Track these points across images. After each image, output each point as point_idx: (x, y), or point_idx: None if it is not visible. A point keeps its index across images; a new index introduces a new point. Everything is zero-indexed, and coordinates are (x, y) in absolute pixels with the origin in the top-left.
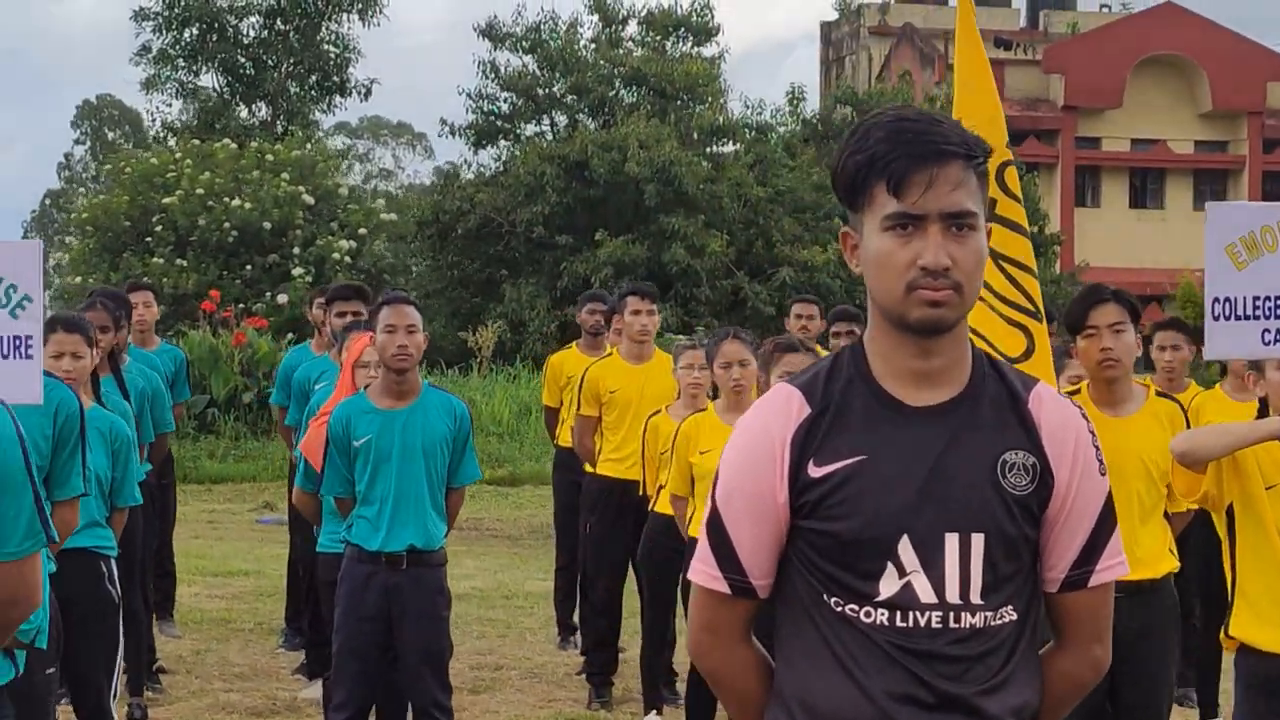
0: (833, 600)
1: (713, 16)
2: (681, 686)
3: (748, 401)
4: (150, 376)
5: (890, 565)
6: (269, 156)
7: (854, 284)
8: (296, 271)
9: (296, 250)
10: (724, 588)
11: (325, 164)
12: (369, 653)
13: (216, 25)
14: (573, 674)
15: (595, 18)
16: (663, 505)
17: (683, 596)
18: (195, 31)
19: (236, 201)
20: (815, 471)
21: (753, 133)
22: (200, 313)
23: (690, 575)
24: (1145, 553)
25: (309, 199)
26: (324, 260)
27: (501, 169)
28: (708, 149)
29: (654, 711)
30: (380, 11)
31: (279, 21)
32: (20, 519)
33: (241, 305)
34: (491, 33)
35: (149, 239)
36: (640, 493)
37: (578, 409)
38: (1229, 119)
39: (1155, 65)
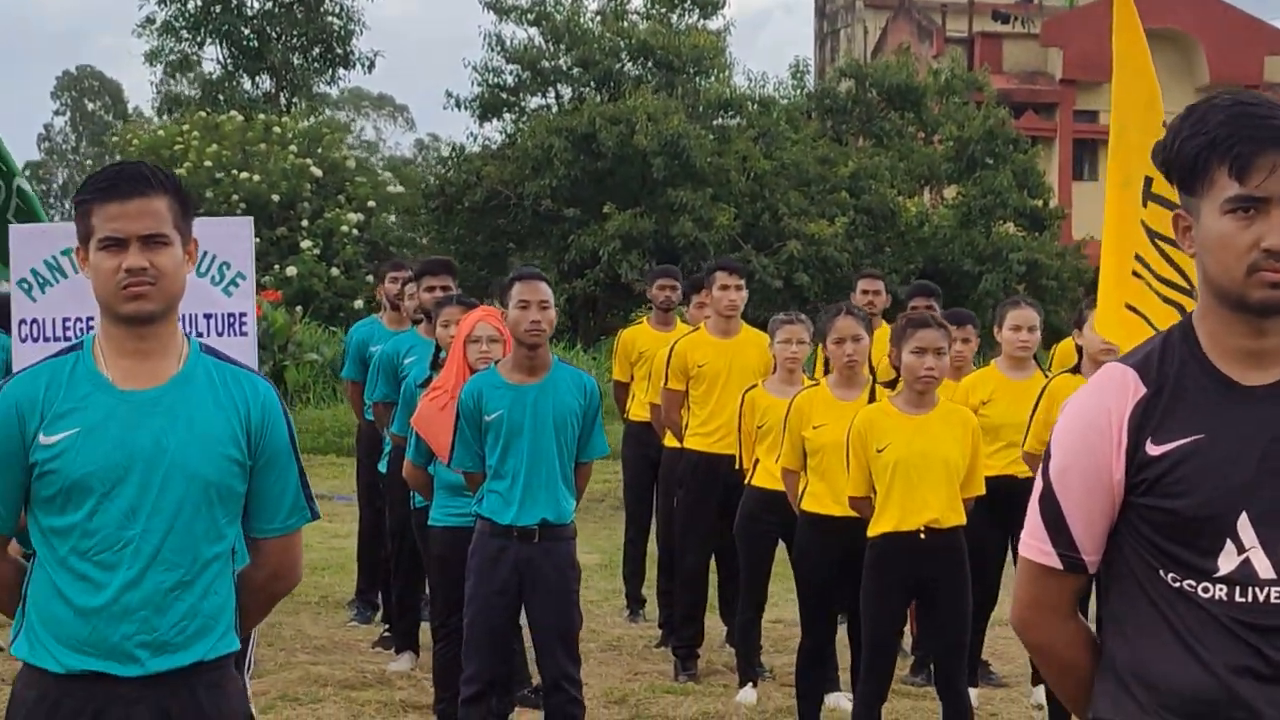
0: (1169, 576)
1: None
2: (767, 659)
3: (861, 376)
4: None
5: (1229, 542)
6: (276, 129)
7: (861, 257)
8: (305, 244)
9: (305, 223)
10: (1056, 563)
11: (332, 136)
12: (500, 626)
13: None
14: (650, 647)
15: None
16: (760, 479)
17: (795, 571)
18: (199, 3)
19: (244, 174)
20: (1154, 450)
21: (755, 105)
22: None
23: (1021, 551)
24: None
25: (317, 171)
26: (332, 233)
27: (508, 142)
28: (713, 122)
29: (749, 684)
30: None
31: None
32: (286, 495)
33: None
34: (497, 5)
35: None
36: (735, 466)
37: (665, 383)
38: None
39: (1153, 39)
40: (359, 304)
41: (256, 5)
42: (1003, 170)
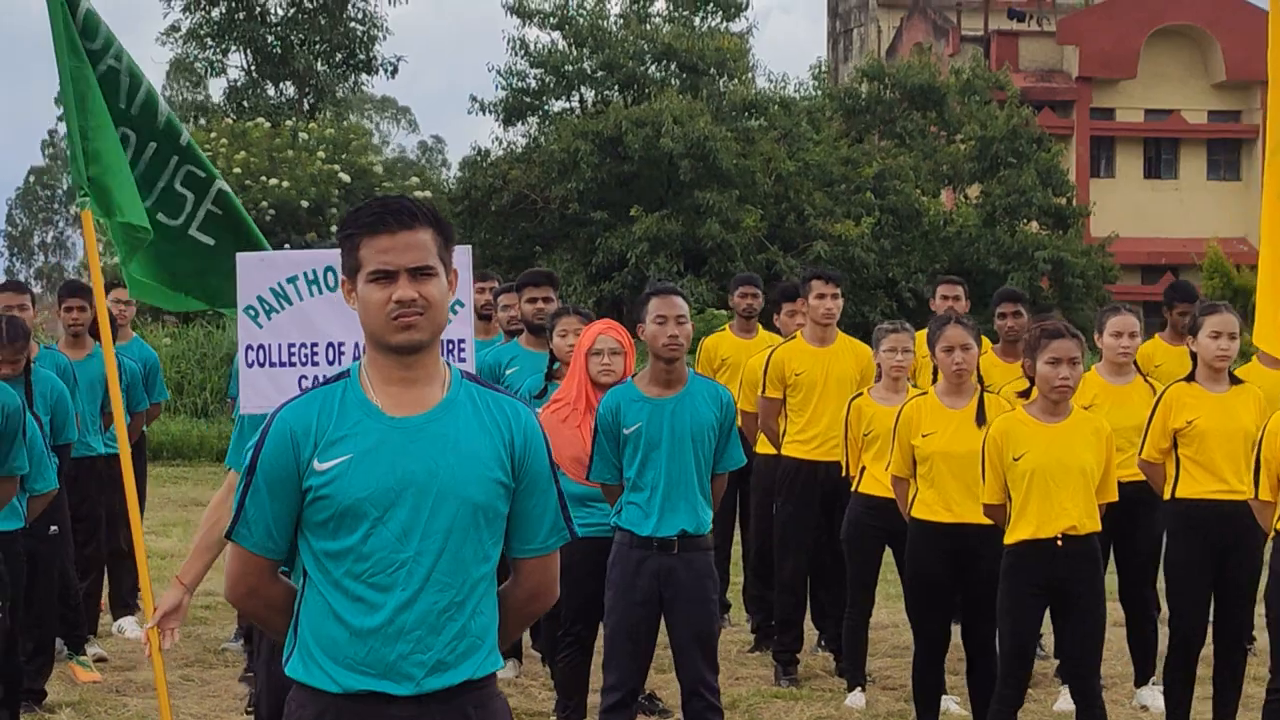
0: None
1: None
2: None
3: (969, 385)
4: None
5: None
6: (303, 135)
7: (887, 257)
8: None
9: (334, 228)
10: None
11: (359, 141)
12: (642, 636)
13: (244, 4)
14: (744, 651)
15: None
16: (866, 486)
17: (906, 578)
18: (223, 10)
19: (274, 180)
20: None
21: (776, 106)
22: None
23: None
24: None
25: (345, 177)
26: None
27: (532, 145)
28: (737, 124)
29: (858, 689)
30: None
31: (305, 0)
32: (546, 516)
33: None
34: (520, 9)
35: None
36: (833, 473)
37: (762, 391)
38: (1242, 89)
39: (1169, 35)
40: None
41: (280, 12)
42: (1026, 169)
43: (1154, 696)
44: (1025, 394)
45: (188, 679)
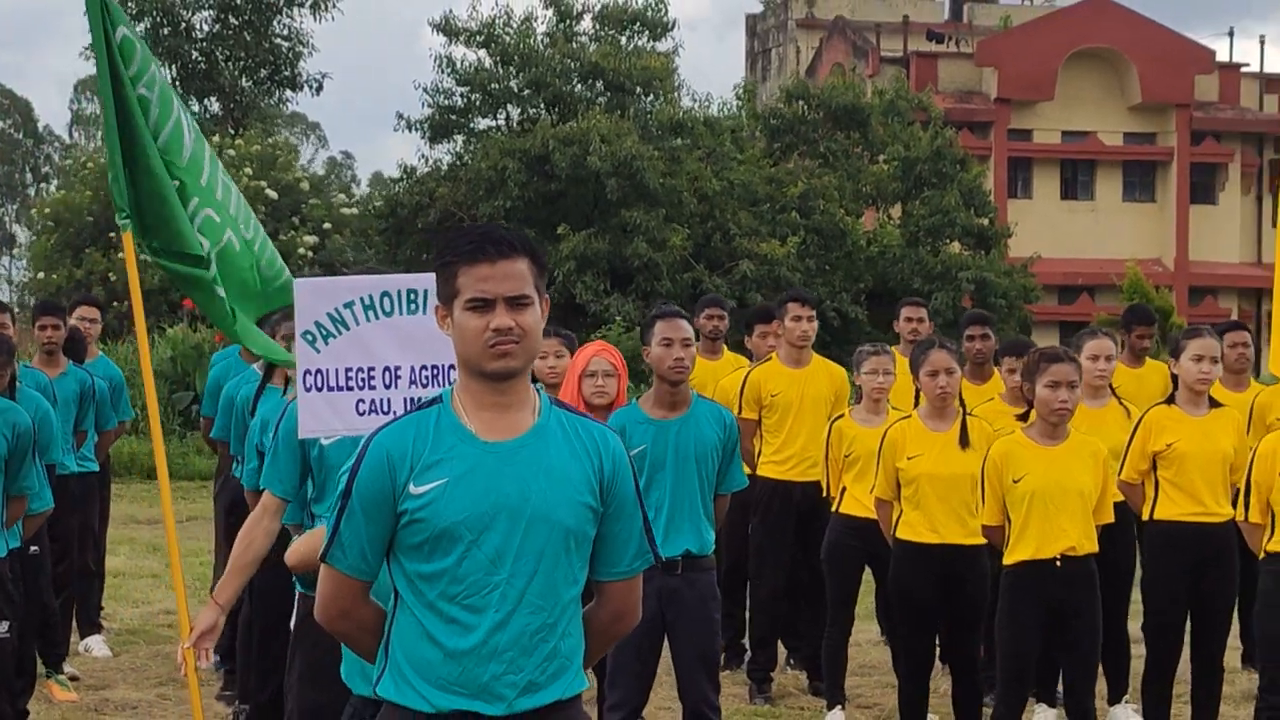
0: None
1: (666, 10)
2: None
3: (952, 408)
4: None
5: None
6: (230, 151)
7: (812, 277)
8: None
9: None
10: None
11: (285, 158)
12: (646, 655)
13: (169, 19)
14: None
15: (550, 12)
16: (847, 506)
17: (891, 599)
18: (148, 25)
19: None
20: None
21: (702, 126)
22: (181, 309)
23: None
24: None
25: (272, 194)
26: (288, 255)
27: (457, 163)
28: (663, 143)
29: (838, 707)
30: (335, 5)
31: (231, 16)
32: (631, 541)
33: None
34: (446, 27)
35: (112, 235)
36: (823, 494)
37: (739, 413)
38: (1158, 111)
39: (1086, 58)
40: None
41: (205, 28)
42: (949, 190)
43: (1127, 715)
44: (1024, 417)
45: (165, 697)
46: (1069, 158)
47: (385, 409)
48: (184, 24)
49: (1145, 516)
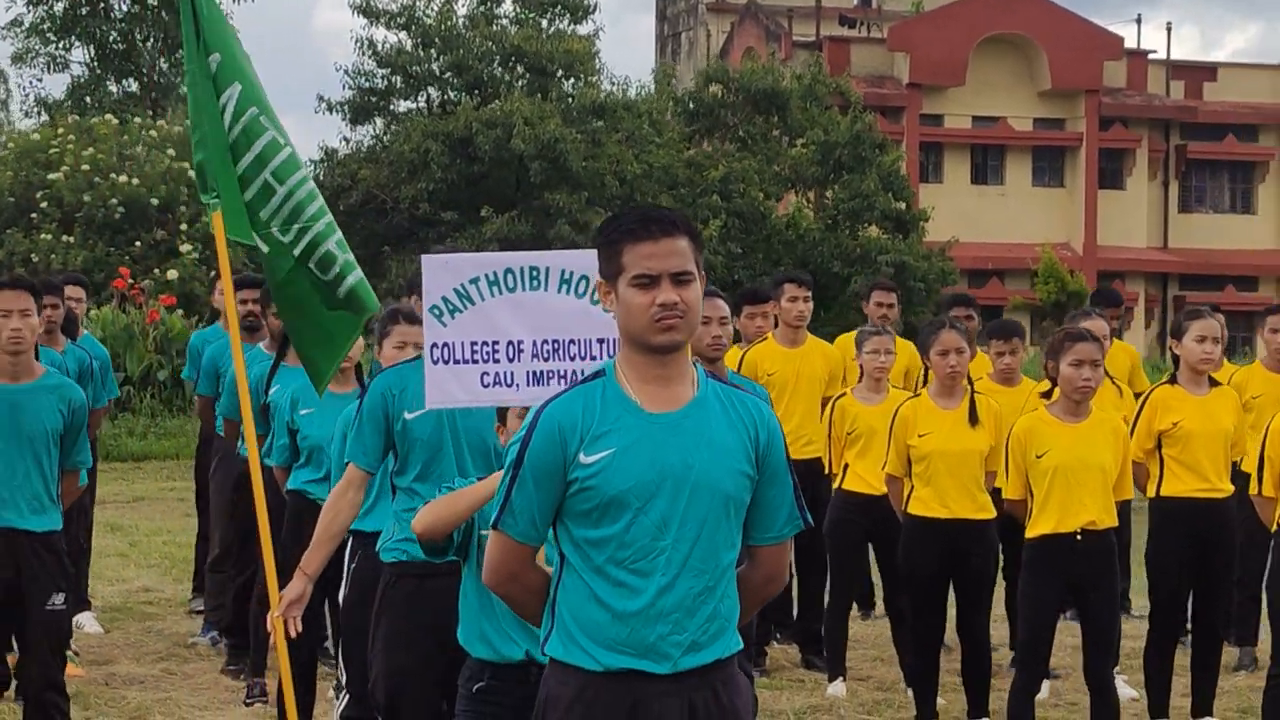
0: None
1: None
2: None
3: (961, 387)
4: None
5: None
6: (151, 132)
7: (734, 259)
8: (185, 248)
9: (184, 226)
10: None
11: None
12: None
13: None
14: None
15: None
16: (849, 483)
17: (902, 572)
18: (66, 5)
19: (123, 178)
20: None
21: (623, 109)
22: (113, 290)
23: None
24: None
25: (194, 175)
26: (211, 237)
27: (378, 145)
28: (585, 126)
29: (839, 679)
30: None
31: None
32: (783, 506)
33: (131, 282)
34: (367, 9)
35: (34, 215)
36: (825, 472)
37: None
38: (1067, 97)
39: (997, 44)
40: None
41: (123, 8)
42: (869, 174)
43: (1121, 686)
44: (1047, 395)
45: (170, 672)
46: (979, 143)
47: (508, 381)
48: (102, 4)
49: (1151, 494)
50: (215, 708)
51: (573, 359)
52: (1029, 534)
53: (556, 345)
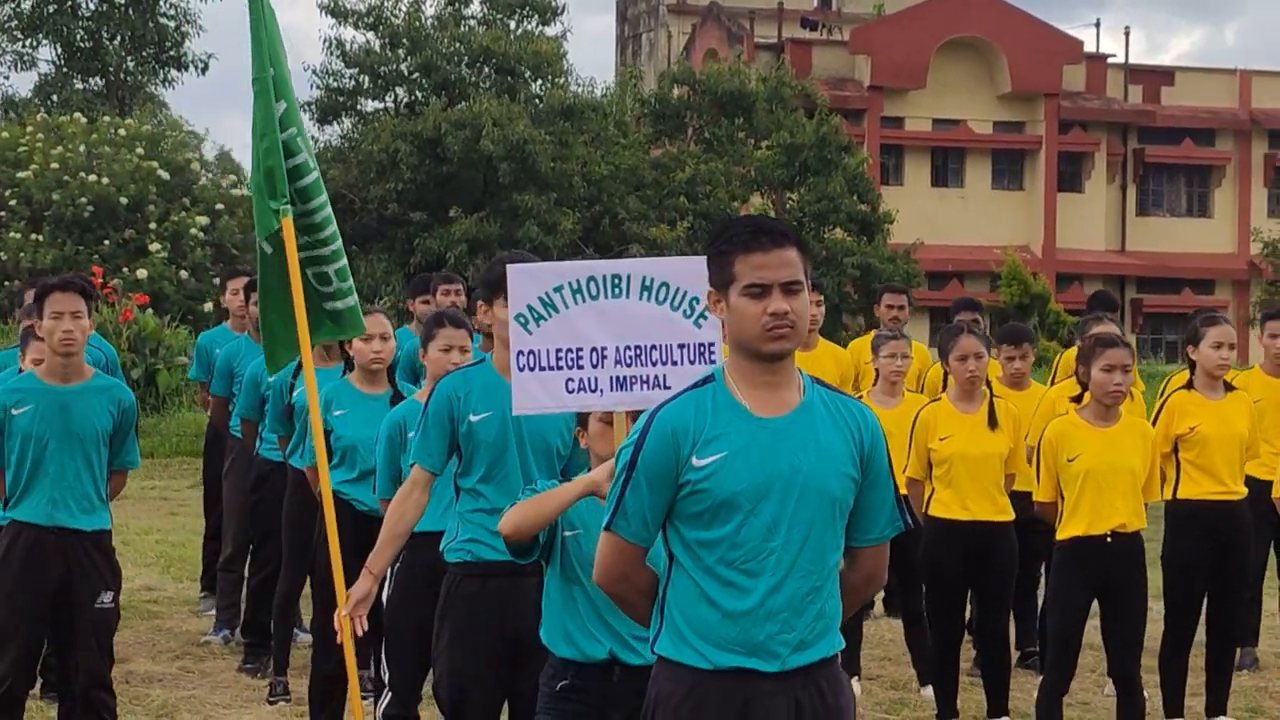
0: None
1: None
2: None
3: (980, 391)
4: None
5: None
6: (120, 131)
7: None
8: (154, 247)
9: (153, 226)
10: None
11: (175, 137)
12: None
13: None
14: None
15: None
16: None
17: (923, 572)
18: (33, 3)
19: (92, 176)
20: None
21: (591, 111)
22: None
23: None
24: None
25: (164, 174)
26: (180, 236)
27: (348, 145)
28: (553, 127)
29: (855, 678)
30: None
31: None
32: (885, 508)
33: (103, 281)
34: (335, 9)
35: (3, 214)
36: None
37: None
38: (1027, 100)
39: (958, 47)
40: (208, 306)
41: (91, 6)
42: (834, 176)
43: None
44: (1078, 399)
45: (187, 670)
46: (940, 145)
47: (593, 387)
48: (69, 2)
49: (1167, 497)
50: (239, 705)
51: (654, 364)
52: (1060, 536)
53: (639, 351)
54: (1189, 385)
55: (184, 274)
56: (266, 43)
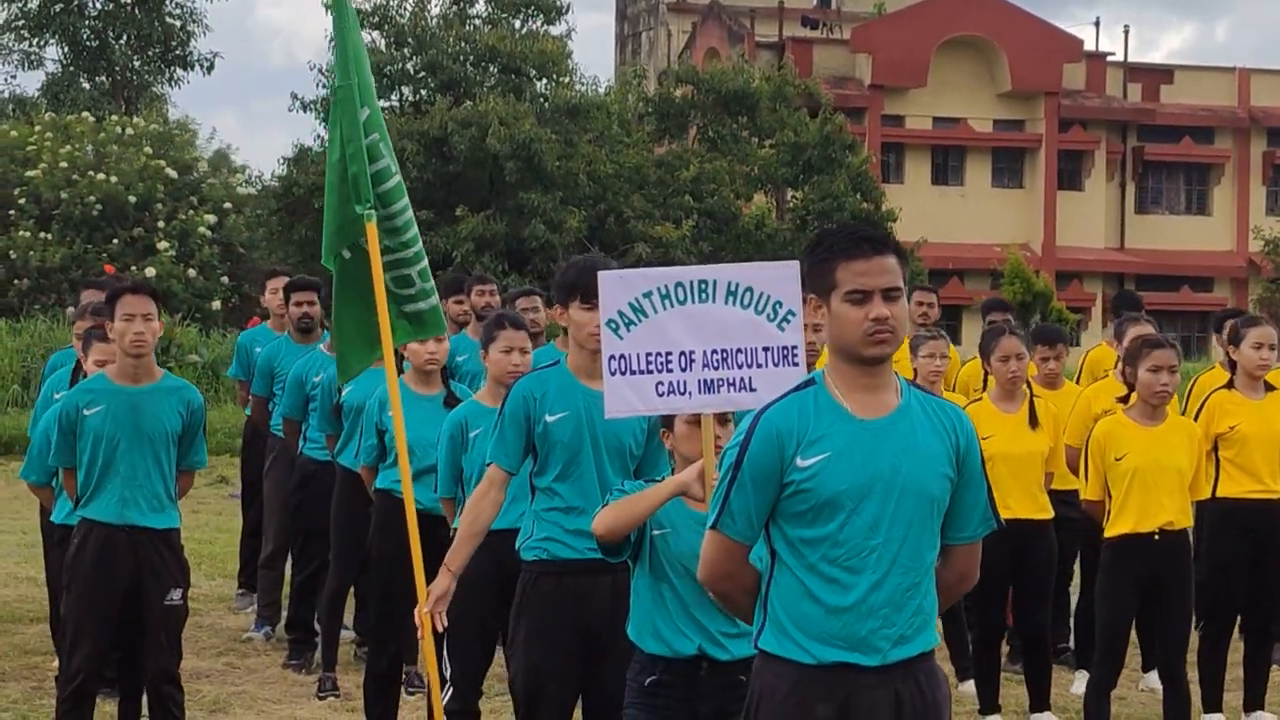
0: None
1: None
2: None
3: (1021, 391)
4: None
5: None
6: (129, 130)
7: (706, 259)
8: (162, 245)
9: (161, 224)
10: None
11: (182, 137)
12: None
13: None
14: None
15: None
16: None
17: None
18: (40, 2)
19: (100, 175)
20: None
21: (598, 110)
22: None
23: None
24: None
25: (171, 173)
26: (188, 234)
27: None
28: (559, 126)
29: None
30: None
31: None
32: (978, 508)
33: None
34: None
35: (12, 212)
36: None
37: None
38: (1026, 99)
39: (958, 46)
40: (216, 304)
41: (98, 6)
42: (838, 175)
43: (1153, 680)
44: (1124, 399)
45: (233, 666)
46: (940, 144)
47: (681, 390)
48: (76, 1)
49: (1207, 495)
50: (290, 700)
51: (740, 367)
52: (1108, 534)
53: (725, 354)
54: (1229, 385)
55: (192, 272)
56: (351, 51)
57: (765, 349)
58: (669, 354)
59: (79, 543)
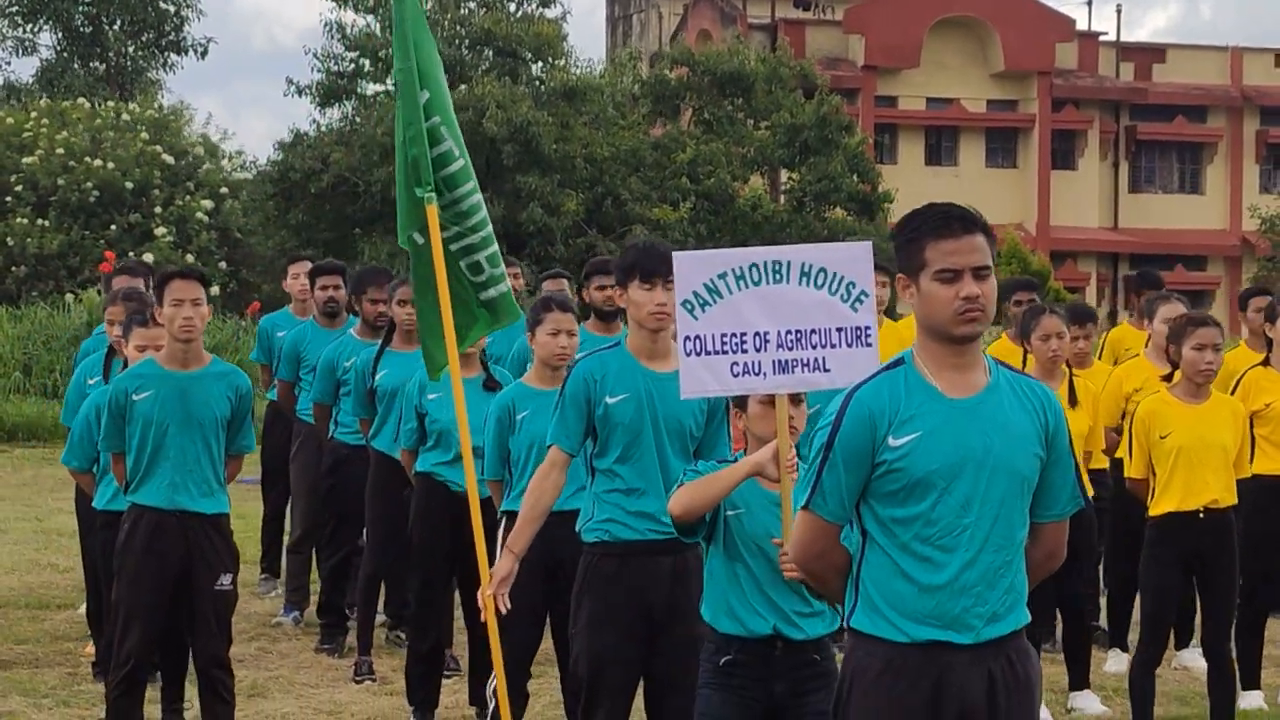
0: None
1: None
2: None
3: (1060, 370)
4: None
5: None
6: (125, 116)
7: (703, 241)
8: (159, 231)
9: (158, 210)
10: None
11: (178, 122)
12: None
13: None
14: None
15: None
16: None
17: None
18: None
19: (97, 161)
20: None
21: (594, 92)
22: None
23: None
24: None
25: (168, 158)
26: (185, 220)
27: (349, 128)
28: (556, 109)
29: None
30: None
31: None
32: (1066, 486)
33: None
34: None
35: (9, 199)
36: None
37: None
38: (1019, 79)
39: (950, 26)
40: (215, 290)
41: None
42: (835, 156)
43: (1194, 658)
44: (1168, 378)
45: (265, 650)
46: (933, 124)
47: (756, 370)
48: None
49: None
50: (327, 684)
51: (814, 348)
52: (1153, 512)
53: (799, 335)
54: (1265, 362)
55: (190, 258)
56: (412, 33)
57: (839, 329)
58: (744, 335)
59: (129, 528)
